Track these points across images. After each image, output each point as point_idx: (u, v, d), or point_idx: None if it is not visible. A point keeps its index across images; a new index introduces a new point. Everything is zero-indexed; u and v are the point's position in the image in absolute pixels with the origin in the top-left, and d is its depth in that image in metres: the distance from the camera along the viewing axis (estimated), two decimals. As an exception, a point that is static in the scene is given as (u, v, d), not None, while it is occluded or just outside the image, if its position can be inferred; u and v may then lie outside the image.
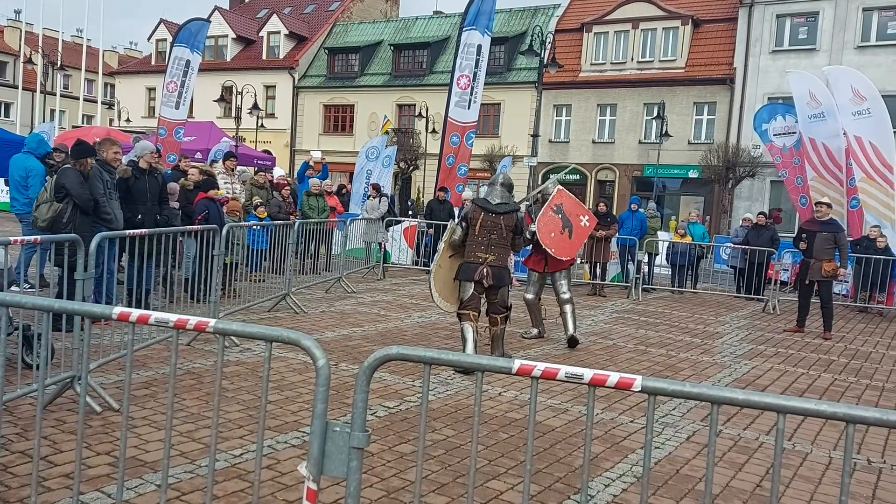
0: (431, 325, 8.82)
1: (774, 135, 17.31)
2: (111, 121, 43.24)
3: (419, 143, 33.29)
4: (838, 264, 9.83)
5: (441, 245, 7.18)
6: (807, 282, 9.97)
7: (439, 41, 37.14)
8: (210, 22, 17.55)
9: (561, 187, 8.19)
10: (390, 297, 10.90)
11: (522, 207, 7.30)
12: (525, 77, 33.02)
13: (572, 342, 7.94)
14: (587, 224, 8.12)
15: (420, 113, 32.48)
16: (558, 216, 7.88)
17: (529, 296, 8.34)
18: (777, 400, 1.97)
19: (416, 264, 15.08)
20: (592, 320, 10.07)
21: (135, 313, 2.47)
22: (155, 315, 2.47)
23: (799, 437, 5.21)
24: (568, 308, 8.08)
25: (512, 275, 7.98)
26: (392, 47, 37.75)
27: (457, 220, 7.25)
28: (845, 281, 13.97)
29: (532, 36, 19.50)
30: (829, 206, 10.15)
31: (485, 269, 6.69)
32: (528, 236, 7.46)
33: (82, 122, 40.58)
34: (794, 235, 11.00)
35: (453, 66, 15.75)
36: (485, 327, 7.10)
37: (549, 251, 7.79)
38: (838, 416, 1.89)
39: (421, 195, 32.04)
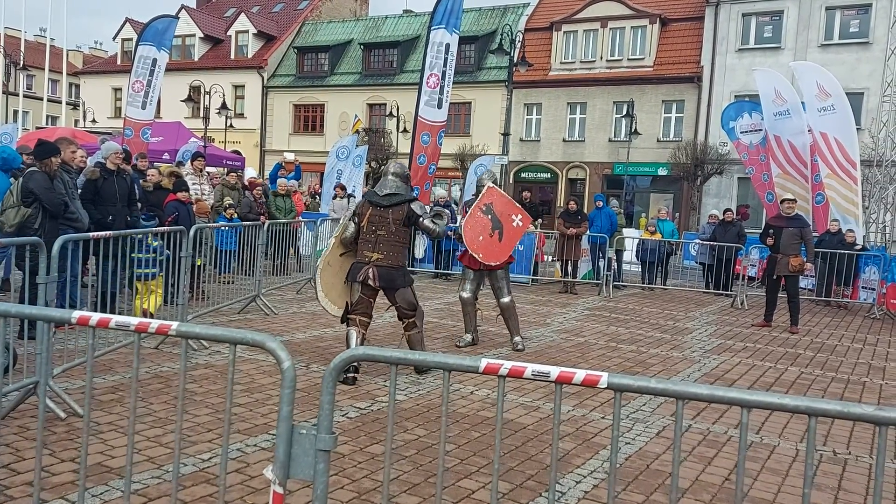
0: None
1: (741, 132, 17.56)
2: (76, 121, 42.49)
3: (390, 142, 33.21)
4: (805, 259, 9.98)
5: (331, 241, 6.60)
6: (774, 277, 10.13)
7: (409, 40, 37.08)
8: (178, 19, 17.34)
9: (492, 185, 7.58)
10: (362, 298, 10.84)
11: (415, 195, 6.58)
12: (495, 76, 33.09)
13: (515, 348, 7.61)
14: (520, 224, 7.50)
15: (391, 112, 32.40)
16: (487, 217, 7.33)
17: (465, 294, 7.61)
18: (741, 394, 1.98)
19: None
20: (564, 318, 10.11)
21: (95, 317, 2.42)
22: (116, 319, 2.42)
23: (766, 430, 5.27)
24: (507, 313, 7.60)
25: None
26: (362, 46, 37.62)
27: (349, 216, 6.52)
28: (811, 275, 14.21)
29: (502, 35, 19.56)
30: (794, 201, 10.31)
31: (370, 270, 6.04)
32: (458, 233, 7.14)
33: (46, 123, 39.75)
34: (760, 231, 11.16)
35: (423, 65, 15.72)
36: (402, 335, 6.54)
37: (476, 256, 7.27)
38: (800, 409, 1.91)
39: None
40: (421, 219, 6.24)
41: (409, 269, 7.11)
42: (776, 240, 9.99)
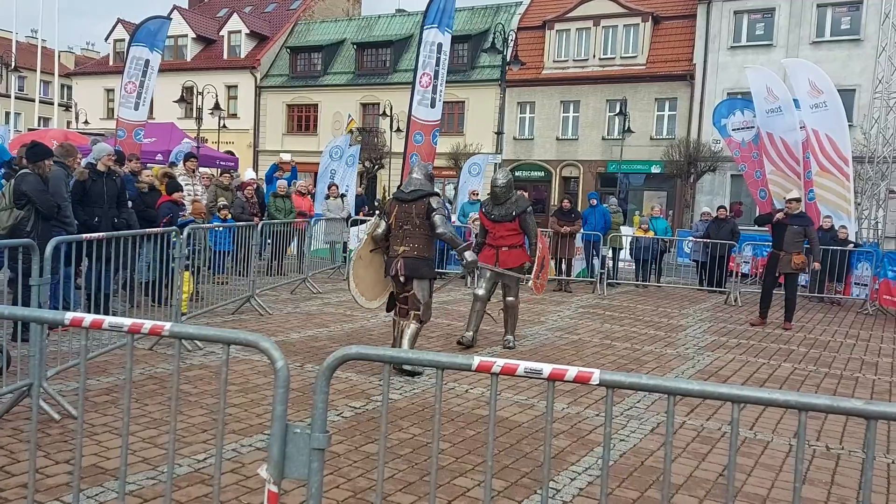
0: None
1: (733, 129, 17.60)
2: (68, 123, 42.39)
3: (384, 141, 33.19)
4: (811, 258, 10.02)
5: (363, 237, 6.95)
6: (777, 274, 10.16)
7: (402, 39, 37.04)
8: (171, 19, 17.28)
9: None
10: (356, 297, 10.84)
11: (434, 193, 6.72)
12: (488, 75, 33.09)
13: (506, 346, 7.74)
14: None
15: (384, 112, 32.39)
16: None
17: (480, 291, 7.71)
18: (731, 390, 2.00)
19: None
20: (558, 315, 10.14)
21: (88, 318, 2.43)
22: (108, 319, 2.42)
23: (760, 426, 5.30)
24: (510, 311, 7.79)
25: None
26: (355, 46, 37.56)
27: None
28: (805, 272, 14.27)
29: (494, 34, 19.56)
30: (798, 200, 10.23)
31: (398, 262, 6.39)
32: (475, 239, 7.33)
33: (39, 125, 39.67)
34: (754, 226, 11.17)
35: (416, 64, 15.72)
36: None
37: (533, 281, 7.91)
38: (791, 403, 1.93)
39: (386, 194, 31.95)
40: (434, 213, 6.44)
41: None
42: (779, 237, 10.01)
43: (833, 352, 8.55)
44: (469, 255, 6.75)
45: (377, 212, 7.00)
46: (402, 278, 6.40)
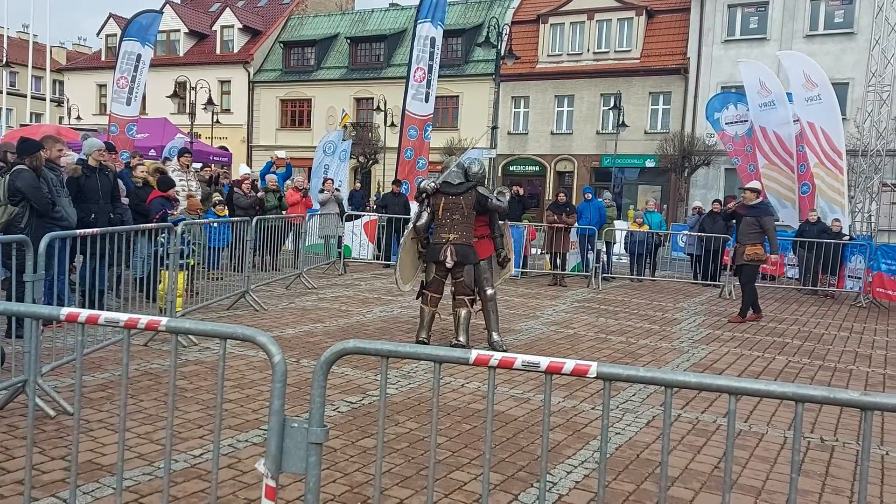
0: (393, 318, 8.81)
1: (726, 123, 17.65)
2: (61, 118, 42.21)
3: (378, 136, 33.14)
4: (767, 251, 9.88)
5: (409, 225, 7.43)
6: (733, 266, 10.13)
7: (396, 34, 36.97)
8: (162, 14, 17.21)
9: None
10: (351, 293, 10.84)
11: (482, 190, 7.13)
12: (483, 69, 33.06)
13: (494, 347, 7.21)
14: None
15: (378, 106, 32.34)
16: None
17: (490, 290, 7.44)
18: (728, 382, 2.01)
19: (378, 258, 15.02)
20: (553, 310, 10.15)
21: (83, 314, 2.42)
22: (104, 315, 2.42)
23: (755, 418, 5.32)
24: (490, 306, 7.31)
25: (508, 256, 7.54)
26: (348, 40, 37.48)
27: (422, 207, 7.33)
28: (794, 265, 14.33)
29: (489, 28, 19.53)
30: (755, 192, 9.99)
31: (449, 248, 6.88)
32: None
33: (31, 121, 39.42)
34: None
35: (410, 58, 15.71)
36: (448, 314, 7.21)
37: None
38: (787, 395, 1.93)
39: (381, 189, 31.92)
40: (489, 200, 7.00)
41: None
42: (736, 228, 9.99)
43: (827, 344, 8.58)
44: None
45: (421, 203, 7.23)
46: (450, 263, 6.89)
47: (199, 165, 14.81)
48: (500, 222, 7.55)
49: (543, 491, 2.31)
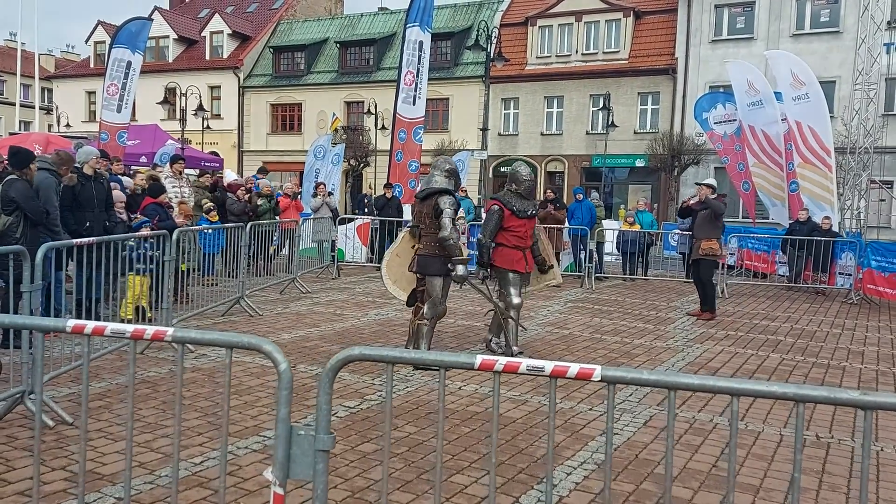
0: (388, 322, 8.82)
1: (715, 123, 17.74)
2: (50, 126, 41.97)
3: (369, 139, 33.14)
4: (721, 243, 10.00)
5: (401, 234, 7.26)
6: (690, 261, 10.23)
7: (385, 37, 36.97)
8: (152, 20, 17.18)
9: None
10: (346, 296, 10.85)
11: (444, 191, 6.64)
12: (472, 71, 33.10)
13: (490, 348, 7.36)
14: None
15: (368, 110, 32.33)
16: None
17: (517, 300, 7.14)
18: (731, 383, 2.03)
19: (371, 262, 15.02)
20: (548, 311, 10.18)
21: (90, 325, 2.43)
22: (111, 326, 2.43)
23: (751, 416, 5.36)
24: (517, 314, 7.14)
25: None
26: (338, 45, 37.44)
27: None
28: (783, 262, 14.42)
29: (478, 30, 19.56)
30: (709, 187, 9.95)
31: (414, 258, 6.75)
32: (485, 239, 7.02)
33: (20, 129, 39.20)
34: (732, 220, 11.25)
35: (400, 62, 15.73)
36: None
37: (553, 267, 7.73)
38: (788, 395, 1.97)
39: (372, 192, 31.91)
40: (442, 214, 6.47)
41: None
42: (692, 224, 10.07)
43: (820, 342, 8.65)
44: (461, 270, 6.46)
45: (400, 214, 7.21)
46: (414, 272, 6.74)
47: (195, 172, 14.77)
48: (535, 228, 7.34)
49: (549, 493, 2.34)
